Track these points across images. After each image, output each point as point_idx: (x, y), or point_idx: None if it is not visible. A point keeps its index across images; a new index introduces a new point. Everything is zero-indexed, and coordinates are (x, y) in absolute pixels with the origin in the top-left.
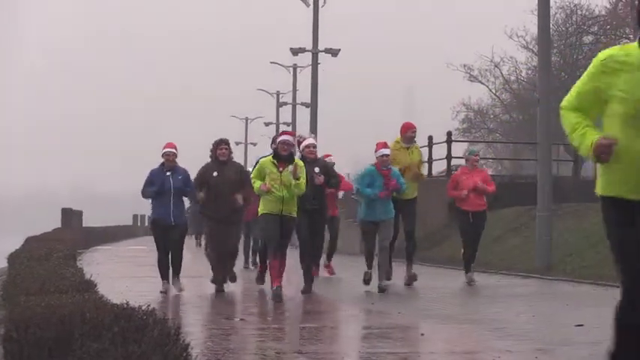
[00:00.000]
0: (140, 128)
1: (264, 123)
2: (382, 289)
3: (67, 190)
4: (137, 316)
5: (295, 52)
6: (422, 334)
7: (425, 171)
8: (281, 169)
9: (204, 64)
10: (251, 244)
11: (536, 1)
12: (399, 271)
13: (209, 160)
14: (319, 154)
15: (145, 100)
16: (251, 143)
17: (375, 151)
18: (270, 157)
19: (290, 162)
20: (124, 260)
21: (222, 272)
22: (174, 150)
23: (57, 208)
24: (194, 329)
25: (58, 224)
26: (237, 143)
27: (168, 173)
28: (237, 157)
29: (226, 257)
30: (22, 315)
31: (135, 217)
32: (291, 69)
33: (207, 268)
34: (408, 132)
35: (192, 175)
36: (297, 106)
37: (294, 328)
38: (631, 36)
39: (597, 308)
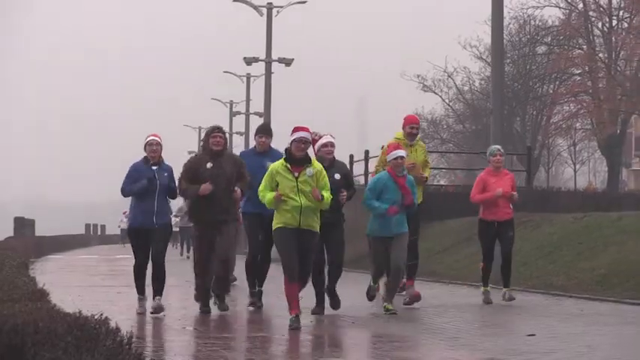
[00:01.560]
0: (92, 137)
1: None
2: (393, 312)
3: (19, 200)
4: (90, 325)
5: (249, 61)
6: (374, 345)
7: (427, 173)
8: (296, 173)
9: (158, 73)
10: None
11: (490, 12)
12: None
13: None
14: None
15: (97, 109)
16: None
17: (387, 154)
18: (282, 160)
19: (306, 164)
20: (76, 269)
21: (207, 288)
22: (158, 139)
23: (9, 217)
24: (147, 339)
25: (11, 233)
26: (189, 152)
27: (154, 167)
28: None
29: (218, 267)
30: None
31: (87, 226)
32: (244, 78)
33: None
34: (407, 127)
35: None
36: (251, 115)
37: (245, 337)
38: (584, 46)
39: (549, 318)
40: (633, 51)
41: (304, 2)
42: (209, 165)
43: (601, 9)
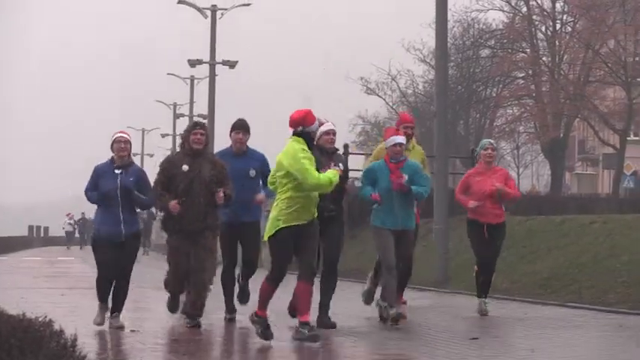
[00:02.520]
0: (34, 139)
1: (161, 135)
2: (397, 318)
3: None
4: (34, 327)
5: (193, 63)
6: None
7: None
8: (322, 170)
9: (102, 75)
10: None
11: (434, 15)
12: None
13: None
14: None
15: (38, 111)
16: (148, 154)
17: (385, 140)
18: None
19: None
20: (19, 271)
21: (176, 304)
22: (127, 136)
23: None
24: (92, 341)
25: None
26: (134, 154)
27: (117, 171)
28: None
29: (195, 277)
30: None
31: (30, 227)
32: (188, 80)
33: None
34: (400, 127)
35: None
36: (195, 117)
37: (188, 340)
38: (528, 50)
39: (492, 321)
40: (576, 55)
41: (248, 5)
42: (185, 167)
43: (545, 13)
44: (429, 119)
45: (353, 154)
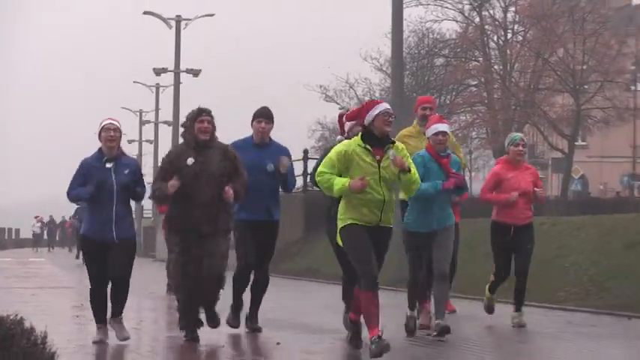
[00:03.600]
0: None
1: (127, 141)
2: (444, 330)
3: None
4: (5, 325)
5: (158, 72)
6: (278, 343)
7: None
8: (378, 157)
9: (68, 82)
10: None
11: (390, 26)
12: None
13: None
14: None
15: (6, 116)
16: None
17: (427, 128)
18: (358, 139)
19: (388, 145)
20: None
21: (194, 312)
22: (116, 123)
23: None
24: (61, 338)
25: None
26: None
27: (109, 165)
28: None
29: (207, 286)
30: None
31: (1, 230)
32: (153, 88)
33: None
34: (419, 109)
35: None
36: (160, 124)
37: (161, 341)
38: (480, 59)
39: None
40: (527, 63)
41: (212, 15)
42: (190, 160)
43: (497, 23)
44: None
45: (312, 158)
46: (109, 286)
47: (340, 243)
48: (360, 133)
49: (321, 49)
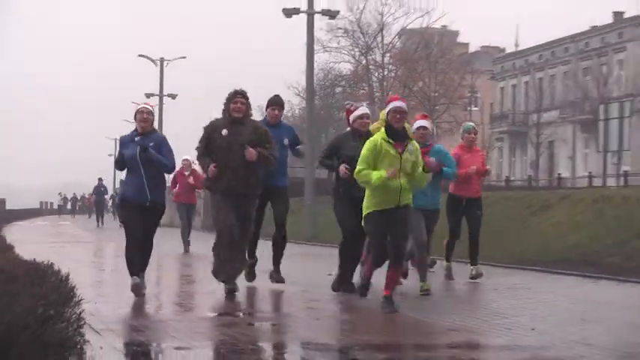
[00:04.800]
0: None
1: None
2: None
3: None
4: (40, 268)
5: (147, 95)
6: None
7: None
8: (400, 149)
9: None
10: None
11: (305, 65)
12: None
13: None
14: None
15: (27, 102)
16: None
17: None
18: (382, 134)
19: (407, 139)
20: (32, 231)
21: (232, 265)
22: (150, 107)
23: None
24: (80, 278)
25: None
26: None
27: (137, 139)
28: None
29: (240, 240)
30: None
31: (41, 203)
32: (158, 62)
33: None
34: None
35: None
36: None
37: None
38: (366, 88)
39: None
40: (397, 91)
41: (184, 57)
42: (224, 132)
43: (377, 64)
44: (303, 134)
45: None
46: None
47: (363, 224)
48: (383, 129)
49: (258, 80)
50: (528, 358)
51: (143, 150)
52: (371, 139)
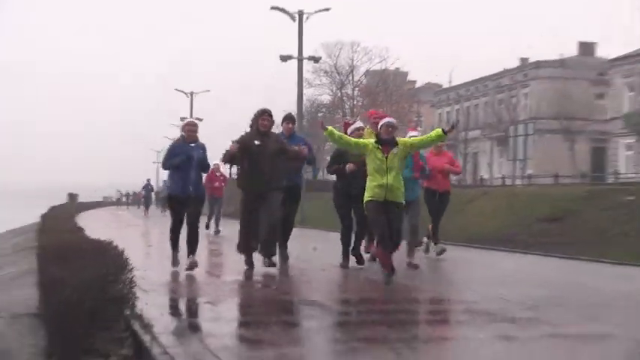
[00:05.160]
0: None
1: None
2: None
3: (66, 182)
4: (103, 244)
5: (284, 58)
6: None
7: None
8: (386, 154)
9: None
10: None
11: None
12: None
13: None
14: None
15: (104, 102)
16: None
17: (380, 124)
18: (374, 141)
19: (393, 146)
20: (99, 218)
21: (252, 246)
22: (195, 121)
23: (64, 193)
24: (132, 252)
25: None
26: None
27: (192, 145)
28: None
29: (270, 232)
30: (50, 241)
31: (104, 197)
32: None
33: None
34: (370, 119)
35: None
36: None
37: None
38: (341, 114)
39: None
40: (364, 117)
41: (328, 9)
42: (257, 142)
43: (348, 96)
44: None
45: None
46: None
47: (365, 211)
48: (375, 137)
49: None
50: (463, 310)
51: (199, 162)
52: (367, 140)
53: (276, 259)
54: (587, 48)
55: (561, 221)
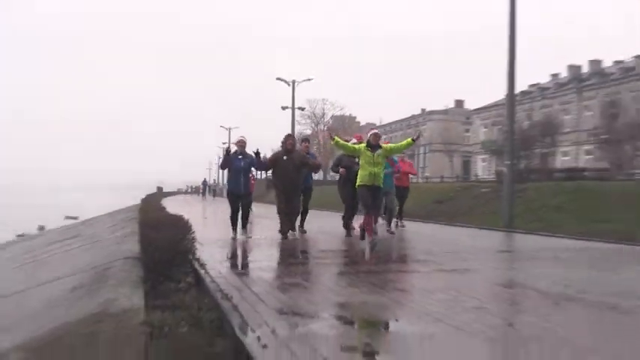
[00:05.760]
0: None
1: (281, 107)
2: (392, 232)
3: (153, 180)
4: (176, 217)
5: (284, 107)
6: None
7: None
8: (373, 153)
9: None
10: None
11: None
12: None
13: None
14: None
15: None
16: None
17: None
18: (365, 145)
19: (377, 148)
20: (174, 201)
21: (287, 226)
22: (244, 139)
23: (153, 186)
24: (194, 221)
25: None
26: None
27: (240, 157)
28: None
29: (291, 214)
30: (146, 215)
31: (178, 189)
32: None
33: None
34: (364, 134)
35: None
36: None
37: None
38: (317, 141)
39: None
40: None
41: (311, 80)
42: (285, 157)
43: (322, 131)
44: None
45: None
46: (240, 213)
47: (342, 193)
48: (366, 142)
49: (264, 137)
50: (396, 256)
51: (257, 155)
52: (359, 145)
53: (296, 233)
54: (459, 102)
55: (445, 203)
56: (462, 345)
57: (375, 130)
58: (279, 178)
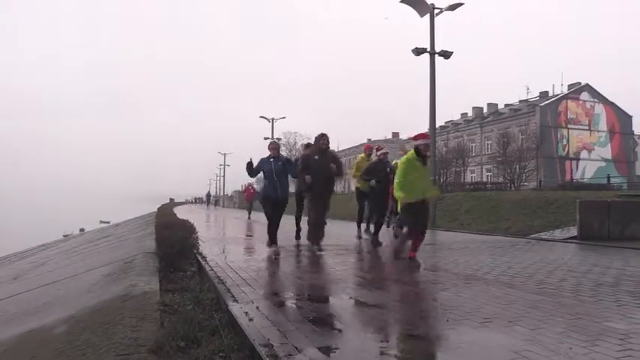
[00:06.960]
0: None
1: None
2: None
3: (166, 191)
4: (183, 221)
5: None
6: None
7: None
8: (424, 165)
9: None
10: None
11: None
12: None
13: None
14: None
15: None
16: None
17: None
18: (414, 154)
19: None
20: (183, 209)
21: (320, 236)
22: (277, 142)
23: (166, 198)
24: (198, 224)
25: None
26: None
27: (271, 160)
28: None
29: (322, 215)
30: (161, 220)
31: (186, 199)
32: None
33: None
34: (366, 150)
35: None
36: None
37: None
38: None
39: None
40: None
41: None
42: (316, 157)
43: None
44: None
45: None
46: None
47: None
48: (414, 151)
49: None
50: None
51: (279, 173)
52: (405, 157)
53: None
54: (395, 134)
55: None
56: (396, 313)
57: (428, 140)
58: (312, 181)
